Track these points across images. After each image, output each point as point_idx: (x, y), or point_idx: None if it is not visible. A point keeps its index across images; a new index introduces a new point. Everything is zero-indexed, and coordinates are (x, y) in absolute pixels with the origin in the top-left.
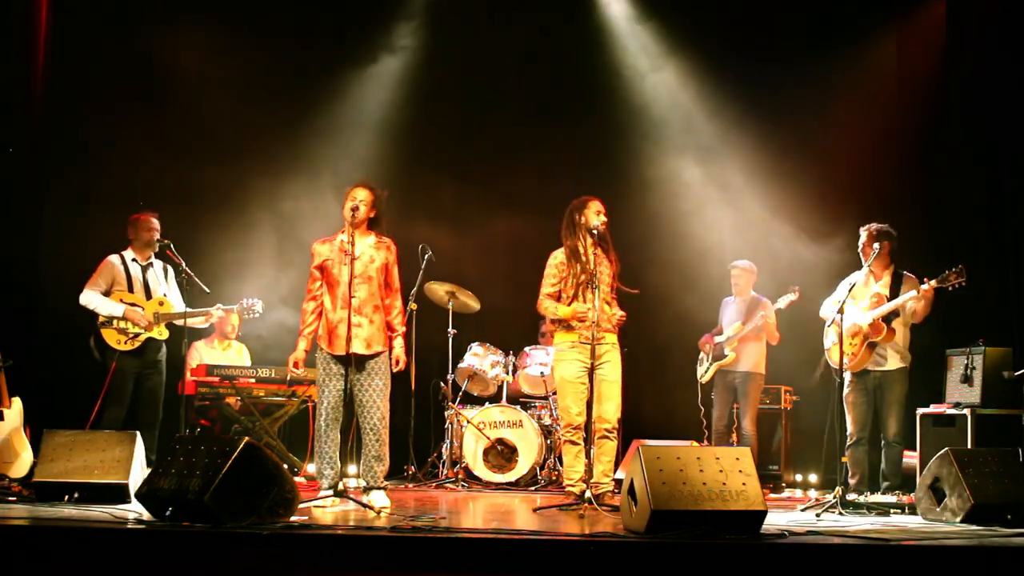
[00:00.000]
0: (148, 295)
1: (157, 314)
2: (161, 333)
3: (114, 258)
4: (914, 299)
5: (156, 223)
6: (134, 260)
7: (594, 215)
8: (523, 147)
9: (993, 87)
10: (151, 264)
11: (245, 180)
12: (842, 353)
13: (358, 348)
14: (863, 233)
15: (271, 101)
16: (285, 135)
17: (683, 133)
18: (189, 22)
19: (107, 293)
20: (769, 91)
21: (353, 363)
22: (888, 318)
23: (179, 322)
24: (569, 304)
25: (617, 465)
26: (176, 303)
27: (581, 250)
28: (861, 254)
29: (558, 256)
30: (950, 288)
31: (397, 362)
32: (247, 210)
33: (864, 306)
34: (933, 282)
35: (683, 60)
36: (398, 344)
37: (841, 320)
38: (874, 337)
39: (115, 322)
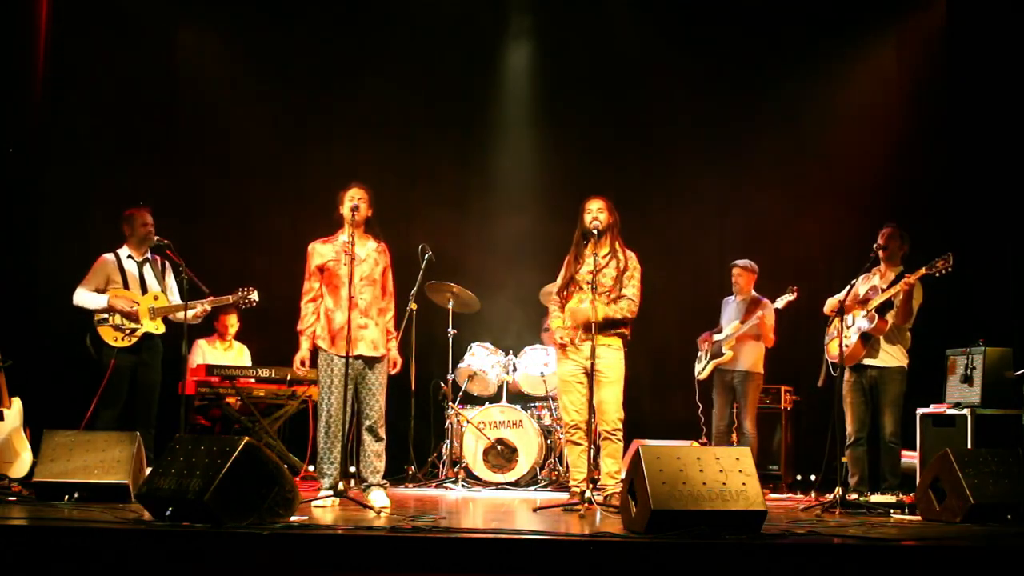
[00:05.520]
0: (144, 291)
1: (152, 308)
2: (158, 327)
3: (108, 256)
4: (900, 287)
5: (150, 218)
6: (129, 257)
7: (586, 215)
8: (525, 146)
9: (993, 86)
10: (147, 260)
11: (246, 180)
12: (842, 347)
13: (365, 350)
14: (887, 230)
15: (271, 101)
16: (285, 134)
17: (686, 133)
18: (189, 21)
19: (103, 291)
20: (770, 91)
21: (358, 364)
22: (881, 309)
23: (179, 315)
24: (565, 302)
25: None
26: (174, 299)
27: (582, 251)
28: (881, 250)
29: (567, 258)
30: (937, 275)
31: (395, 365)
32: (248, 210)
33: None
34: (922, 269)
35: (685, 61)
36: (394, 347)
37: (841, 316)
38: (867, 328)
39: (111, 319)
